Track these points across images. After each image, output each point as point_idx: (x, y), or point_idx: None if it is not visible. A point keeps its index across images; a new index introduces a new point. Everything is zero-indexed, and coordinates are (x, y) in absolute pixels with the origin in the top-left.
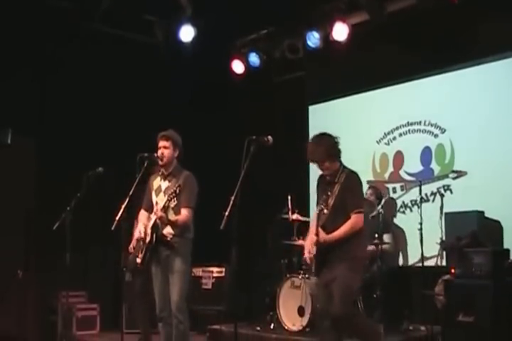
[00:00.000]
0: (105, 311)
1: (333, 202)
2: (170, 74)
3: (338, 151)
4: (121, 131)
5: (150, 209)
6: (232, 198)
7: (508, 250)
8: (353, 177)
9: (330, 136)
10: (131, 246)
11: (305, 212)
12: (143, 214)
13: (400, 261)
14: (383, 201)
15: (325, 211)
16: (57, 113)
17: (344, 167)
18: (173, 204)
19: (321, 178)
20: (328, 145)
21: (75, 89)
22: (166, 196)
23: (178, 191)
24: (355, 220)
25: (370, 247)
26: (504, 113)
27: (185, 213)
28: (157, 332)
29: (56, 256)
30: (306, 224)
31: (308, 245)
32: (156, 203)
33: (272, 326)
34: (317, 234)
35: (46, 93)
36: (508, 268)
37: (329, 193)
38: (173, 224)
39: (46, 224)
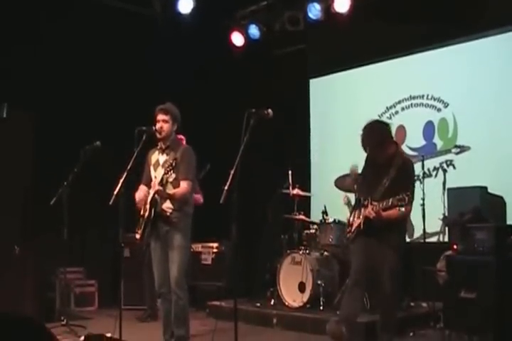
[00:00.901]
0: (103, 287)
1: (388, 184)
2: (168, 46)
3: (391, 136)
4: (119, 105)
5: (149, 183)
6: (232, 172)
7: (511, 226)
8: (410, 164)
9: (381, 122)
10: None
11: (306, 187)
12: (142, 188)
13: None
14: None
15: (380, 190)
16: (55, 87)
17: (400, 151)
18: (171, 178)
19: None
20: (380, 133)
21: (73, 62)
22: (163, 170)
23: (174, 164)
24: (408, 208)
25: None
26: (508, 87)
27: (184, 186)
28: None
29: (54, 231)
30: (307, 199)
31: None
32: (155, 177)
33: (272, 302)
34: (378, 212)
35: (44, 67)
36: (510, 244)
37: (384, 175)
38: (172, 198)
39: (44, 199)
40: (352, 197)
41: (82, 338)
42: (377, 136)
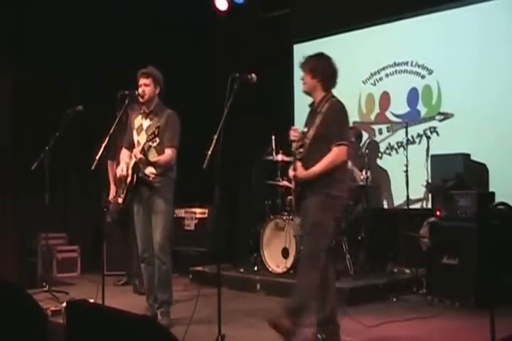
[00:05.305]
0: (86, 253)
1: (314, 133)
2: (152, 9)
3: (327, 75)
4: (101, 68)
5: (131, 147)
6: (215, 137)
7: (493, 193)
8: (336, 106)
9: (328, 57)
10: (111, 195)
11: (289, 152)
12: (124, 152)
13: (385, 204)
14: (367, 142)
15: (306, 142)
16: (35, 49)
17: (331, 96)
18: (154, 144)
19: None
20: (319, 62)
21: (54, 25)
22: (146, 136)
23: (157, 132)
24: (336, 153)
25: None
26: (493, 54)
27: (168, 153)
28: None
29: (36, 196)
30: (291, 164)
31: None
32: (138, 142)
33: (255, 268)
34: (295, 169)
35: (24, 28)
36: (492, 210)
37: (311, 124)
38: (155, 165)
39: (24, 164)
40: None
41: (65, 304)
42: (312, 64)
